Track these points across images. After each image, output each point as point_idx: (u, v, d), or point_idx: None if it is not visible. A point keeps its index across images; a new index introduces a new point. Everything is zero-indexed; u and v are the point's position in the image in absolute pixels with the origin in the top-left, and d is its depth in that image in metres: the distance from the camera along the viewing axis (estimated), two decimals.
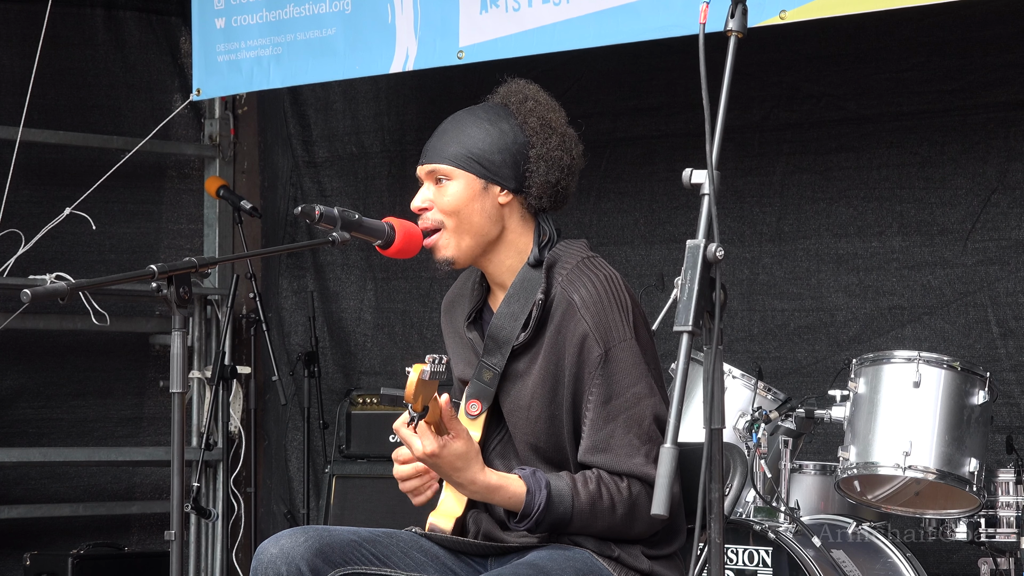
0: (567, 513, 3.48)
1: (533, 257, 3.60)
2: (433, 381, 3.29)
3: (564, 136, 3.63)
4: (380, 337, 7.18)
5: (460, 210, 3.58)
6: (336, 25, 6.12)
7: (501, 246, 3.62)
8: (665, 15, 5.29)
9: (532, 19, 5.61)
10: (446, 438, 3.42)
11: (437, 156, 3.62)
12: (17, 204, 6.75)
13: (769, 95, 6.22)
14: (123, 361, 7.28)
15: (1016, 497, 4.89)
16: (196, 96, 6.64)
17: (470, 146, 3.59)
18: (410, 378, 3.26)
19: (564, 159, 3.61)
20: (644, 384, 3.49)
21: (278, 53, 6.28)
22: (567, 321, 3.51)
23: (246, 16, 6.37)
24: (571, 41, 5.56)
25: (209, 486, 7.31)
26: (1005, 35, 5.73)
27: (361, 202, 7.14)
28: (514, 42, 5.66)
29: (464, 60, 5.77)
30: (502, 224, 3.61)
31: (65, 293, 3.33)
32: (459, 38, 5.79)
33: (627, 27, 5.40)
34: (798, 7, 5.00)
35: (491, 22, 5.72)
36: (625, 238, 6.51)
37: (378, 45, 6.00)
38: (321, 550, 3.44)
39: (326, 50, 6.14)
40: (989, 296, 5.77)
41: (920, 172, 5.94)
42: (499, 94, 3.69)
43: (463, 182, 3.59)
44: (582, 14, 5.49)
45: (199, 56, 6.55)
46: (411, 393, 3.27)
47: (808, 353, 6.13)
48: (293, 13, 6.23)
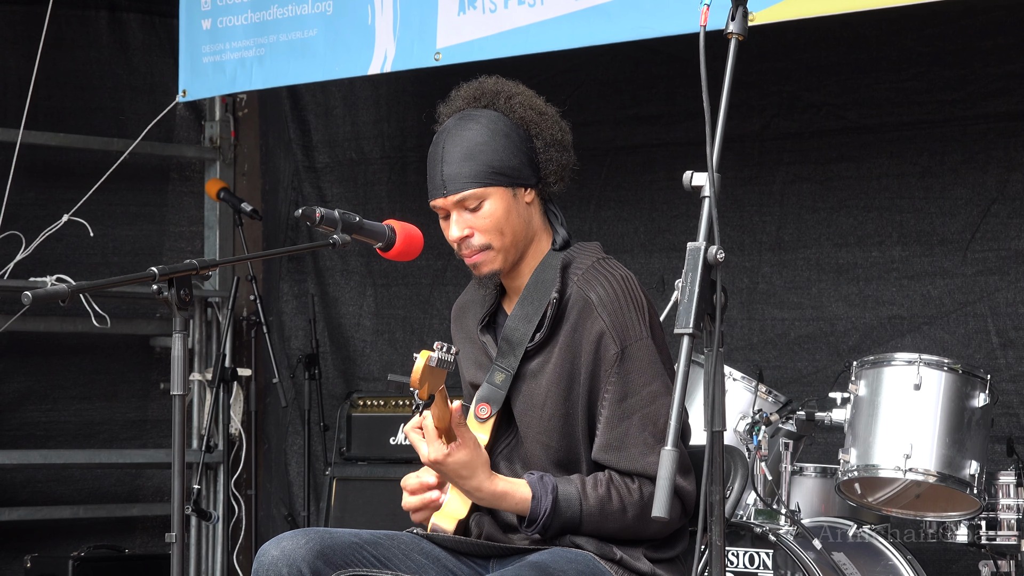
0: (575, 517, 3.49)
1: (562, 238, 3.63)
2: (440, 370, 3.29)
3: (551, 116, 3.66)
4: (380, 343, 7.18)
5: (503, 227, 3.57)
6: (317, 26, 6.10)
7: (531, 246, 3.64)
8: (636, 16, 5.29)
9: (509, 20, 5.59)
10: (452, 446, 3.43)
11: (461, 183, 3.56)
12: (22, 206, 6.77)
13: (769, 104, 6.23)
14: (128, 363, 7.28)
15: (1017, 499, 4.88)
16: (182, 97, 6.61)
17: (487, 161, 3.56)
18: (417, 364, 3.26)
19: (563, 137, 3.65)
20: (660, 383, 3.51)
21: (261, 54, 6.26)
22: (583, 319, 3.52)
23: (231, 17, 6.36)
24: (547, 43, 5.54)
25: (210, 488, 7.31)
26: (1005, 45, 5.73)
27: (361, 208, 7.14)
28: (491, 43, 5.63)
29: (441, 62, 5.75)
30: (532, 223, 3.63)
31: (66, 295, 3.33)
32: (437, 39, 5.77)
33: (600, 29, 5.39)
34: (765, 8, 5.00)
35: (469, 23, 5.70)
36: (625, 246, 6.51)
37: (357, 46, 5.98)
38: (322, 552, 3.45)
39: (307, 51, 6.12)
40: (989, 306, 5.78)
41: (920, 182, 5.94)
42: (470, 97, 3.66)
43: (496, 198, 3.57)
44: (556, 15, 5.49)
45: (185, 57, 6.54)
46: (417, 379, 3.26)
47: (808, 362, 6.13)
48: (277, 14, 6.21)
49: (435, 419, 3.42)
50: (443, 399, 3.38)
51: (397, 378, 3.34)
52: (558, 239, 3.65)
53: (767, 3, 4.99)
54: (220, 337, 7.26)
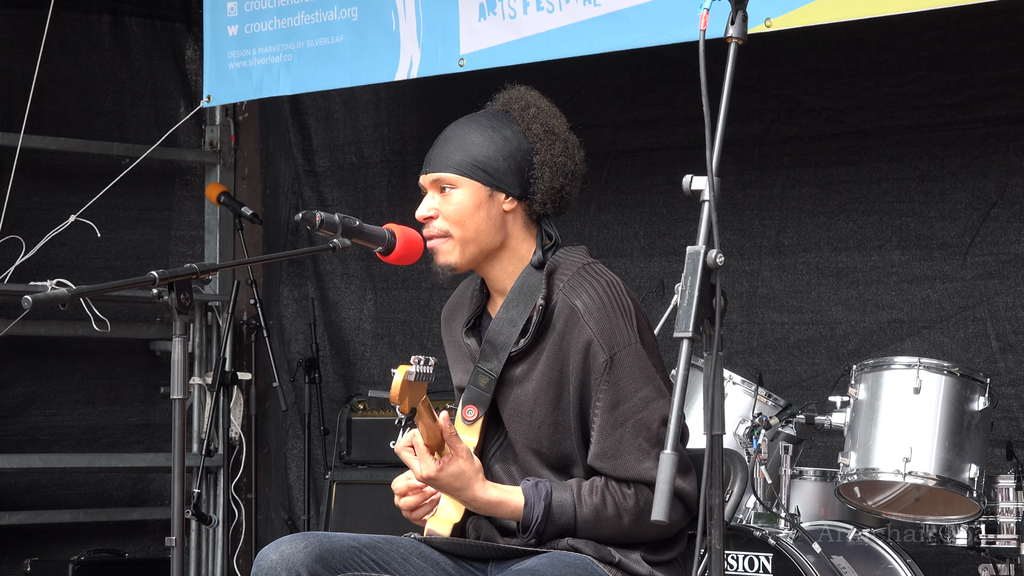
0: (570, 524, 3.50)
1: (537, 259, 3.59)
2: (420, 383, 3.29)
3: (567, 142, 3.64)
4: (380, 347, 7.18)
5: (466, 219, 3.58)
6: (344, 33, 6.12)
7: (504, 252, 3.62)
8: (654, 23, 5.30)
9: (528, 27, 5.61)
10: (444, 459, 3.44)
11: (441, 165, 3.60)
12: (25, 211, 6.77)
13: (769, 108, 6.23)
14: (131, 368, 7.28)
15: (1016, 503, 4.88)
16: (206, 102, 6.63)
17: (475, 153, 3.58)
18: (395, 380, 3.26)
19: (568, 165, 3.62)
20: (651, 387, 3.50)
21: (288, 60, 6.29)
22: (570, 328, 3.51)
23: (259, 24, 6.38)
24: (566, 48, 5.57)
25: (210, 492, 7.31)
26: (1005, 49, 5.74)
27: (361, 212, 7.13)
28: (512, 49, 5.66)
29: (465, 68, 5.77)
30: (506, 231, 3.61)
31: (66, 299, 3.34)
32: (460, 46, 5.80)
33: (618, 35, 5.41)
34: (784, 15, 5.00)
35: (489, 29, 5.73)
36: (625, 250, 6.51)
37: (383, 52, 6.01)
38: (321, 556, 3.45)
39: (334, 58, 6.15)
40: (988, 310, 5.78)
41: (920, 186, 5.94)
42: (499, 101, 3.69)
43: (468, 190, 3.58)
44: (575, 21, 5.51)
45: (210, 63, 6.55)
46: (396, 395, 3.26)
47: (808, 366, 6.13)
48: (304, 20, 6.24)
49: (423, 435, 3.43)
50: (428, 413, 3.37)
51: (378, 394, 3.34)
52: (534, 258, 3.60)
53: (786, 8, 5.00)
54: (220, 341, 7.26)
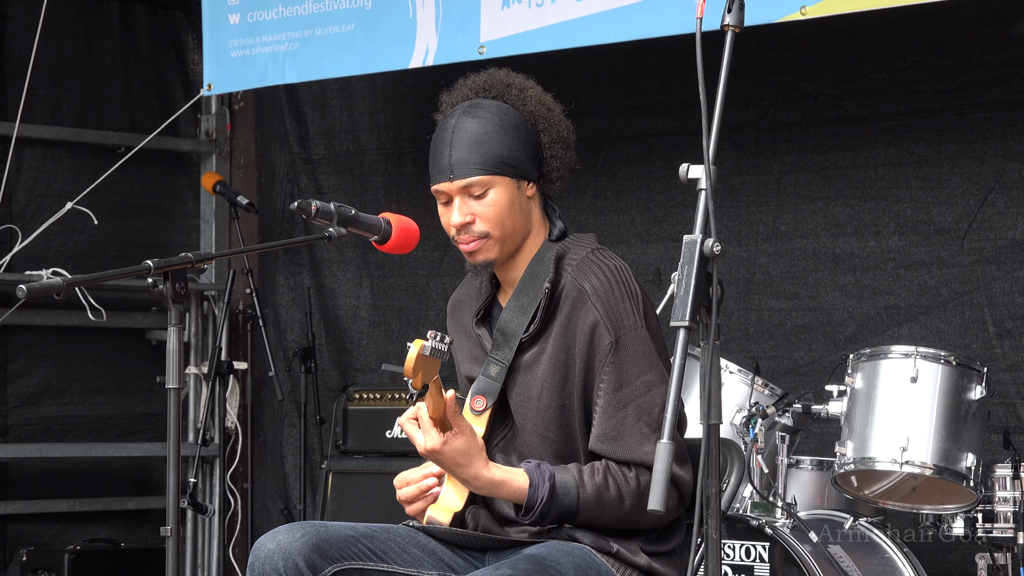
0: (572, 505, 3.49)
1: (558, 230, 3.63)
2: (434, 359, 3.29)
3: (558, 113, 3.67)
4: (376, 335, 7.18)
5: (504, 217, 3.57)
6: (355, 21, 6.12)
7: (528, 238, 3.64)
8: (682, 10, 5.29)
9: (554, 14, 5.61)
10: (448, 434, 3.43)
11: (468, 169, 3.56)
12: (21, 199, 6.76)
13: (766, 94, 6.22)
14: (134, 357, 7.28)
15: (1013, 492, 4.88)
16: (207, 91, 6.62)
17: (495, 150, 3.56)
18: (410, 353, 3.26)
19: (568, 135, 3.66)
20: (655, 372, 3.51)
21: (294, 48, 6.28)
22: (577, 310, 3.52)
23: (262, 12, 6.37)
24: (592, 36, 5.57)
25: (206, 482, 7.32)
26: (1002, 34, 5.73)
27: (357, 199, 7.13)
28: (536, 37, 5.66)
29: (485, 55, 5.76)
30: (531, 216, 3.63)
31: (61, 289, 3.32)
32: (480, 33, 5.79)
33: (648, 23, 5.41)
34: (818, 3, 4.99)
35: (513, 17, 5.72)
36: (622, 236, 6.51)
37: (397, 40, 6.01)
38: (318, 545, 3.45)
39: (344, 46, 6.14)
40: (985, 296, 5.77)
41: (917, 171, 5.94)
42: (486, 90, 3.65)
43: (501, 188, 3.57)
44: (604, 9, 5.50)
45: (210, 51, 6.54)
46: (410, 368, 3.26)
47: (805, 352, 6.13)
48: (312, 9, 6.23)
49: (430, 409, 3.42)
50: (437, 389, 3.38)
51: (391, 367, 3.34)
52: (555, 231, 3.65)
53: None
54: (216, 330, 7.25)
